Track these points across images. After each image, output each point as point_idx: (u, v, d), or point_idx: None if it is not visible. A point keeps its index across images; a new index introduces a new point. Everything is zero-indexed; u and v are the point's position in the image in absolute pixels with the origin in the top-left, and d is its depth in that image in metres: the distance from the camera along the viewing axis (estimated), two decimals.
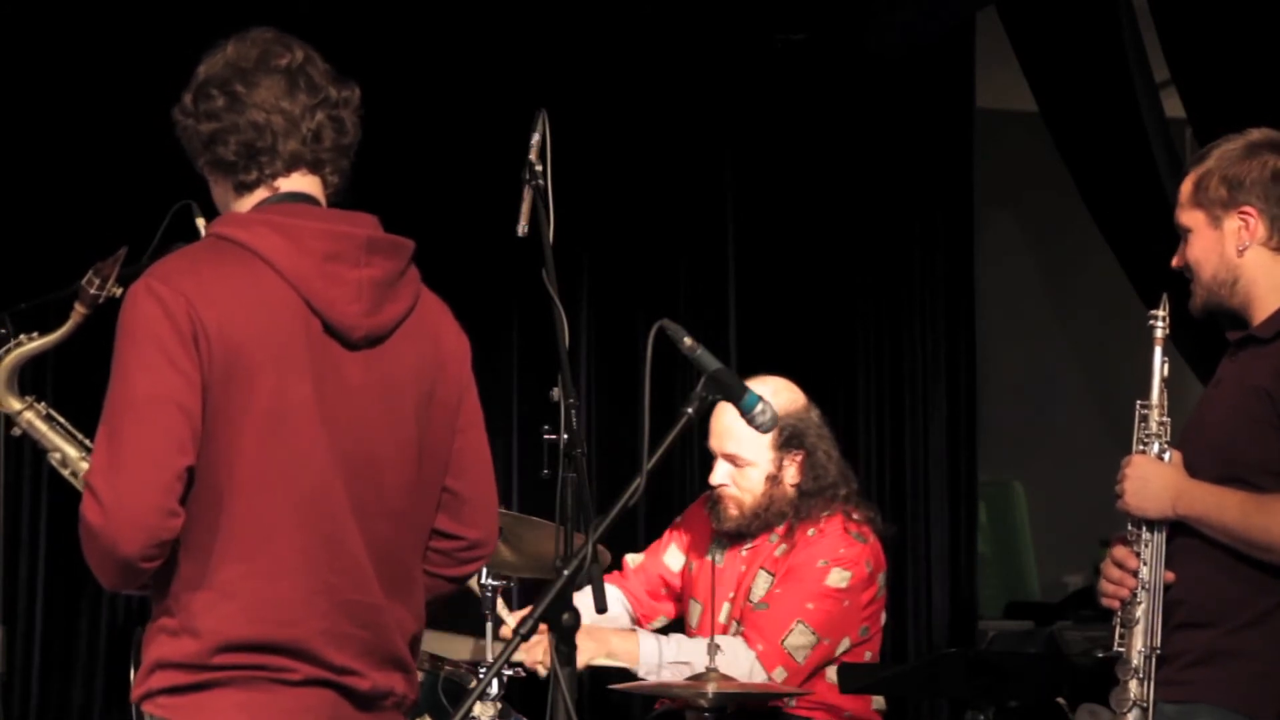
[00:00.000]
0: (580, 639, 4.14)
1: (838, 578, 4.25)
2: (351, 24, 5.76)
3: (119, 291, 3.25)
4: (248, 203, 2.80)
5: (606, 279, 6.38)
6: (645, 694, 4.48)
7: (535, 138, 3.61)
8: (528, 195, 3.59)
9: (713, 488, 4.42)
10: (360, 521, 2.74)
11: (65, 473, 3.20)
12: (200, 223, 3.75)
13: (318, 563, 2.69)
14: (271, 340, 2.68)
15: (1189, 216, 3.38)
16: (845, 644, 4.26)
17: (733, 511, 4.37)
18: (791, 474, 4.36)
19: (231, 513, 2.65)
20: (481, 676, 2.70)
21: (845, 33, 6.56)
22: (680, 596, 4.60)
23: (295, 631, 2.67)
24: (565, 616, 2.64)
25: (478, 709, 4.02)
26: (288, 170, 2.78)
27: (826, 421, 4.48)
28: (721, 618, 4.36)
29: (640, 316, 6.29)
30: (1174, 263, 3.42)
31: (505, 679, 4.16)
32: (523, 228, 3.59)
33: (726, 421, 4.33)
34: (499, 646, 4.20)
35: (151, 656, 2.70)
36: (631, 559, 4.68)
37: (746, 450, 4.34)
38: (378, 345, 2.77)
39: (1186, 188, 3.39)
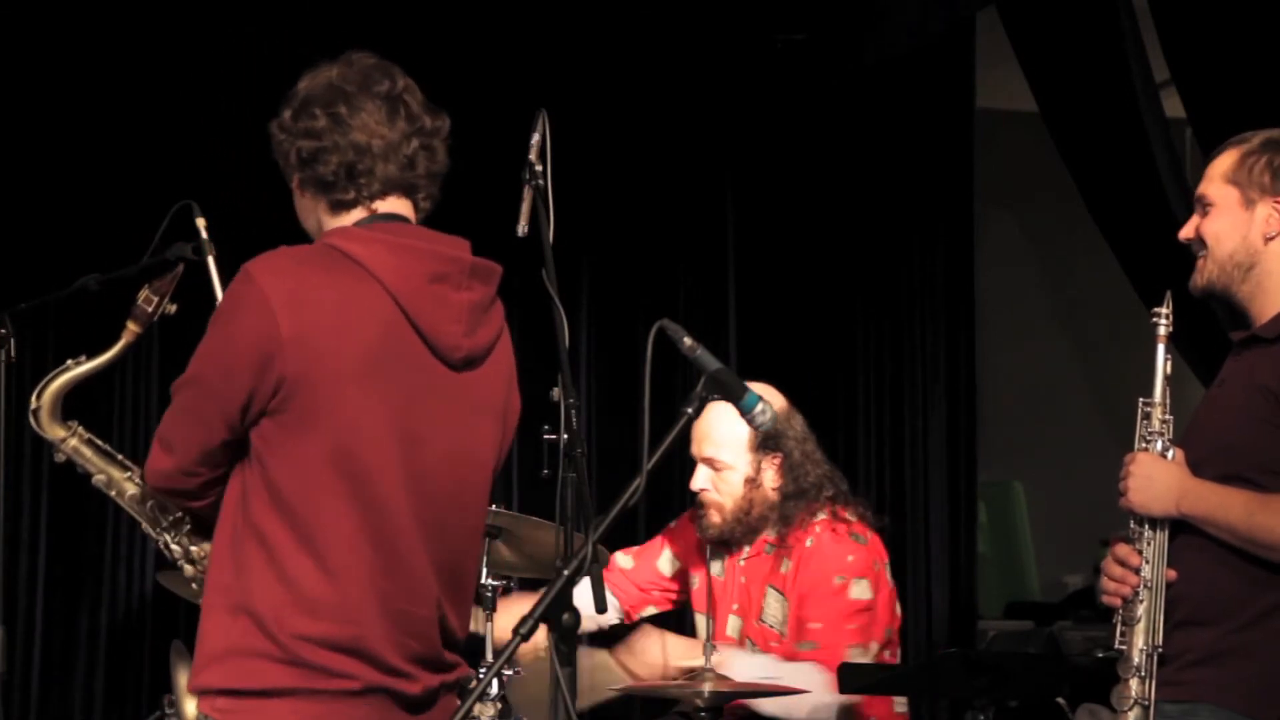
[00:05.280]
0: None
1: (860, 590, 4.22)
2: (351, 24, 5.76)
3: (173, 309, 3.26)
4: (345, 220, 2.87)
5: (606, 279, 6.38)
6: (645, 695, 4.47)
7: (535, 138, 3.61)
8: (528, 195, 3.59)
9: (694, 493, 4.39)
10: (432, 536, 2.83)
11: (111, 494, 3.20)
12: (200, 223, 3.75)
13: (375, 569, 2.77)
14: (363, 353, 2.76)
15: (1219, 191, 3.34)
16: (874, 648, 4.25)
17: (715, 518, 4.34)
18: (771, 477, 4.32)
19: (304, 511, 2.73)
20: (481, 676, 2.69)
21: (845, 33, 6.56)
22: (675, 599, 4.60)
23: (354, 630, 2.75)
24: (565, 616, 2.64)
25: (478, 709, 4.02)
26: (384, 193, 2.86)
27: (809, 426, 4.43)
28: (731, 632, 4.35)
29: (640, 317, 6.29)
30: (1182, 234, 3.40)
31: (505, 679, 4.16)
32: (523, 228, 3.59)
33: (704, 426, 4.29)
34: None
35: (212, 644, 2.77)
36: (621, 559, 4.65)
37: (725, 454, 4.32)
38: (473, 368, 2.87)
39: (1226, 163, 3.34)
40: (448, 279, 2.83)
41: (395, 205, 2.88)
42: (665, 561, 4.58)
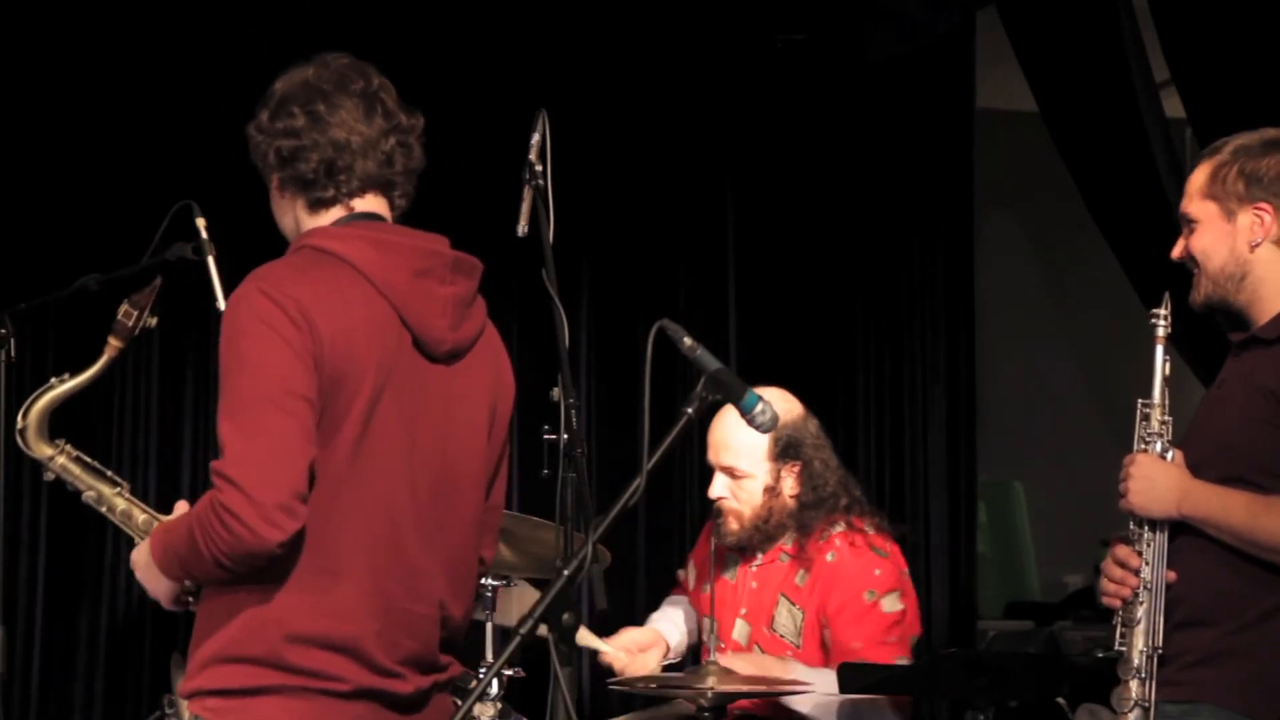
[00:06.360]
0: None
1: (891, 604, 4.19)
2: (351, 24, 5.76)
3: (154, 322, 3.25)
4: (324, 219, 2.88)
5: (606, 279, 6.38)
6: (646, 695, 4.47)
7: (535, 138, 3.62)
8: (528, 195, 3.60)
9: (711, 501, 4.37)
10: (431, 531, 2.84)
11: (102, 510, 3.19)
12: (200, 223, 3.76)
13: (377, 568, 2.78)
14: (373, 351, 2.77)
15: (1199, 207, 3.35)
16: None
17: (733, 525, 4.31)
18: (790, 485, 4.30)
19: (314, 514, 2.71)
20: (481, 676, 2.69)
21: (845, 33, 6.56)
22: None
23: (350, 629, 2.76)
24: (565, 616, 2.64)
25: (478, 709, 4.02)
26: (362, 190, 2.87)
27: (824, 431, 4.43)
28: (738, 636, 4.32)
29: (640, 317, 6.29)
30: (1174, 254, 3.41)
31: (505, 679, 4.16)
32: (523, 228, 3.59)
33: (722, 433, 4.28)
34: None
35: (203, 650, 2.77)
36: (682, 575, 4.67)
37: (744, 462, 4.29)
38: (457, 361, 2.89)
39: (1200, 178, 3.35)
40: (431, 273, 2.85)
41: (372, 204, 2.89)
42: (693, 583, 4.59)
